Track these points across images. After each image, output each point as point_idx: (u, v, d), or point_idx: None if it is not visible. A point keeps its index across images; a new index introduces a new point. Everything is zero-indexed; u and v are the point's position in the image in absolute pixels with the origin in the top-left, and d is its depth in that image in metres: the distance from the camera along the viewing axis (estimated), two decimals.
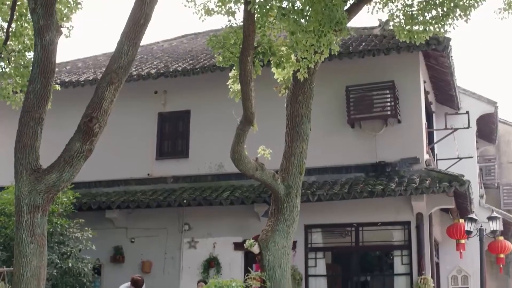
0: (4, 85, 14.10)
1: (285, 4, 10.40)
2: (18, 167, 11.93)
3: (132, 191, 18.19)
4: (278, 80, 12.65)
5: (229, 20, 11.32)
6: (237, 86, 12.46)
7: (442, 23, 11.35)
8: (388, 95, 16.77)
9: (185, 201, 16.76)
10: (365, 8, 11.75)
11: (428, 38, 11.50)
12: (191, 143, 18.59)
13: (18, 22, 13.09)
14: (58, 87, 14.07)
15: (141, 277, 14.25)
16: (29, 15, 12.43)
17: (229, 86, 12.82)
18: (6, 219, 14.69)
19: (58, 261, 14.62)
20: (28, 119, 11.95)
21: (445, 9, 11.23)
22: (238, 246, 16.72)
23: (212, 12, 11.30)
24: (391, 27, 12.81)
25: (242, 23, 10.99)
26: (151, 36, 35.35)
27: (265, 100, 14.70)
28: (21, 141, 12.02)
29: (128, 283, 14.00)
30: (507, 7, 11.57)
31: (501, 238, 18.24)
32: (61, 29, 11.52)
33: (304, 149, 13.30)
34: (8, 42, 13.20)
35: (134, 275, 14.25)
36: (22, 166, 11.88)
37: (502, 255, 18.56)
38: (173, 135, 19.14)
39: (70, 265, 14.68)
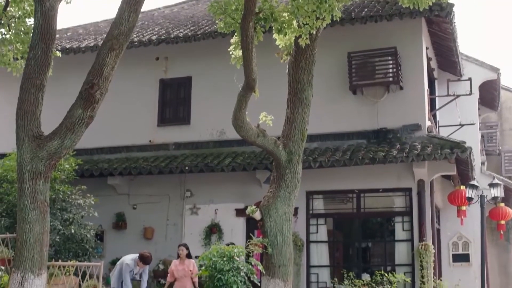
0: (5, 51, 14.06)
1: None
2: (20, 133, 11.95)
3: (134, 158, 18.22)
4: (280, 47, 12.58)
5: None
6: (239, 52, 12.41)
7: None
8: (390, 62, 16.69)
9: (187, 168, 16.78)
10: None
11: (431, 4, 11.39)
12: (193, 109, 18.56)
13: None
14: (59, 54, 14.03)
15: (150, 254, 14.33)
16: None
17: (231, 52, 12.76)
18: (8, 186, 14.73)
19: (61, 227, 14.70)
20: (29, 86, 11.93)
21: None
22: (239, 212, 16.79)
23: None
24: None
25: None
26: (152, 2, 35.19)
27: (266, 67, 14.66)
28: (22, 107, 12.02)
29: (136, 255, 14.08)
30: None
31: (502, 204, 18.28)
32: None
33: (306, 115, 13.28)
34: (8, 8, 13.13)
35: (144, 252, 14.33)
36: (24, 133, 11.89)
37: (502, 222, 18.62)
38: (174, 102, 19.11)
39: (72, 231, 14.76)
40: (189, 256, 14.29)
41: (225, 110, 14.62)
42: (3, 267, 12.32)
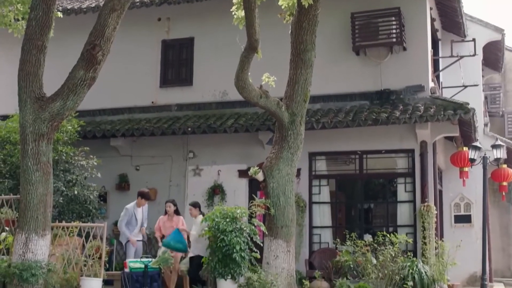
0: (6, 12, 13.97)
1: None
2: (22, 95, 11.94)
3: (136, 119, 18.20)
4: (283, 7, 12.49)
5: None
6: (241, 13, 12.33)
7: None
8: (394, 22, 16.56)
9: (189, 129, 16.77)
10: None
11: None
12: (195, 70, 18.48)
13: None
14: (60, 14, 13.95)
15: (148, 190, 14.46)
16: None
17: (233, 13, 12.67)
18: (11, 147, 14.75)
19: (64, 188, 14.74)
20: (31, 47, 11.89)
21: None
22: (242, 173, 16.83)
23: None
24: None
25: None
26: None
27: (269, 27, 14.56)
28: (24, 69, 11.99)
29: (133, 203, 14.16)
30: None
31: (505, 166, 18.31)
32: None
33: (309, 76, 13.23)
34: None
35: (143, 189, 14.48)
36: (26, 94, 11.88)
37: (505, 183, 18.68)
38: (176, 63, 19.02)
39: (76, 192, 14.81)
40: (177, 212, 14.31)
41: (227, 71, 14.54)
42: (7, 228, 12.40)
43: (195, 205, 14.11)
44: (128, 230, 14.39)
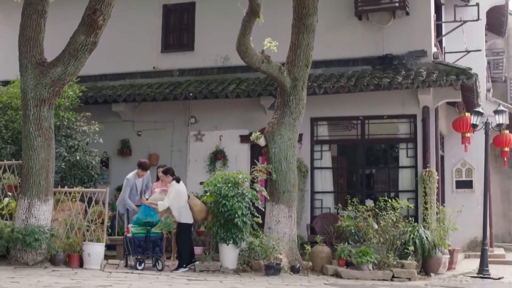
0: None
1: None
2: (23, 60, 11.92)
3: (138, 84, 18.15)
4: None
5: None
6: None
7: None
8: None
9: (191, 94, 16.74)
10: None
11: None
12: (197, 35, 18.39)
13: None
14: None
15: (148, 160, 14.43)
16: None
17: None
18: (13, 113, 14.73)
19: (66, 154, 14.76)
20: (31, 12, 11.84)
21: None
22: (244, 138, 16.82)
23: None
24: None
25: None
26: None
27: None
28: (24, 34, 11.95)
29: (134, 172, 14.17)
30: None
31: (507, 131, 18.27)
32: None
33: (311, 41, 13.18)
34: None
35: (141, 159, 14.44)
36: (27, 59, 11.87)
37: (506, 149, 18.65)
38: (178, 28, 18.91)
39: (78, 158, 14.83)
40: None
41: (229, 36, 14.46)
42: (10, 194, 12.45)
43: (167, 171, 13.08)
44: (133, 203, 14.31)
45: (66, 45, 11.95)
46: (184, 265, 12.12)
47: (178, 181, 12.64)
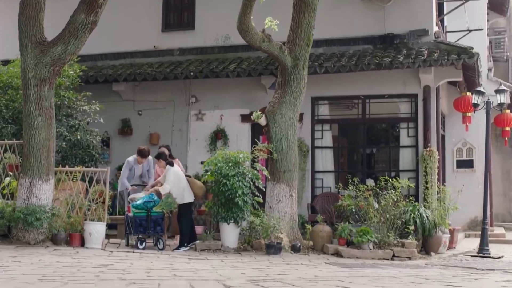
0: None
1: None
2: (23, 39, 11.88)
3: (138, 64, 18.11)
4: None
5: None
6: None
7: None
8: None
9: (191, 73, 16.70)
10: None
11: None
12: (197, 14, 18.31)
13: None
14: None
15: (147, 147, 14.40)
16: None
17: None
18: (13, 92, 14.71)
19: (67, 133, 14.75)
20: None
21: None
22: (245, 118, 16.80)
23: None
24: None
25: None
26: None
27: None
28: (24, 13, 11.89)
29: (135, 156, 14.16)
30: None
31: (508, 111, 18.23)
32: None
33: (312, 20, 13.12)
34: None
35: (140, 146, 14.42)
36: (27, 38, 11.82)
37: (507, 128, 18.62)
38: (178, 7, 18.82)
39: (78, 137, 14.82)
40: (171, 156, 14.08)
41: (230, 15, 14.41)
42: (11, 173, 12.46)
43: (159, 156, 13.05)
44: (128, 183, 14.28)
45: (66, 24, 11.90)
46: (185, 244, 12.16)
47: (171, 165, 12.61)
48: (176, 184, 12.41)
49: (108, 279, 6.30)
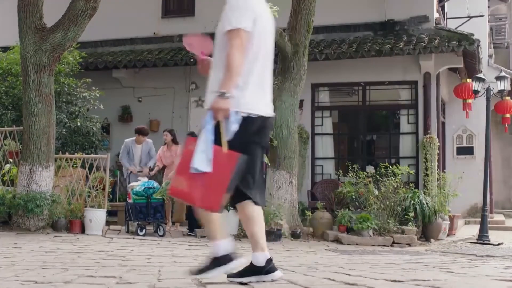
0: None
1: None
2: (22, 26, 11.83)
3: (138, 50, 18.07)
4: None
5: None
6: None
7: None
8: None
9: (191, 60, 16.64)
10: None
11: None
12: (197, 0, 18.26)
13: None
14: None
15: (145, 126, 14.45)
16: None
17: None
18: (13, 79, 14.68)
19: (67, 120, 14.75)
20: None
21: None
22: None
23: None
24: None
25: None
26: None
27: None
28: None
29: (133, 138, 14.16)
30: None
31: (508, 98, 18.22)
32: None
33: (312, 6, 13.08)
34: None
35: (139, 125, 14.45)
36: (26, 25, 11.78)
37: (508, 115, 18.62)
38: None
39: (78, 124, 14.81)
40: (175, 141, 14.08)
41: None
42: (11, 160, 12.46)
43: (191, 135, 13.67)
44: (128, 163, 14.29)
45: (66, 10, 11.86)
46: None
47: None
48: None
49: (108, 266, 6.31)
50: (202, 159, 4.25)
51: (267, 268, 4.49)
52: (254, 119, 4.48)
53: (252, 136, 4.48)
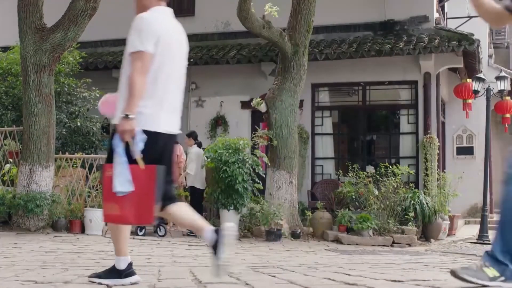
0: None
1: None
2: (22, 26, 11.83)
3: None
4: None
5: None
6: None
7: None
8: None
9: (191, 60, 16.63)
10: None
11: None
12: (197, 0, 18.25)
13: None
14: None
15: None
16: None
17: None
18: (13, 79, 14.69)
19: (67, 120, 14.75)
20: None
21: None
22: (245, 104, 16.78)
23: None
24: None
25: None
26: None
27: None
28: None
29: None
30: None
31: (508, 98, 18.21)
32: None
33: (312, 6, 13.09)
34: None
35: None
36: (26, 25, 11.78)
37: (508, 115, 18.61)
38: None
39: (78, 124, 14.82)
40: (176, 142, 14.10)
41: (230, 1, 14.34)
42: (11, 160, 12.46)
43: (191, 135, 13.87)
44: None
45: (66, 10, 11.86)
46: None
47: (199, 146, 13.00)
48: (196, 163, 12.73)
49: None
50: (122, 181, 4.40)
51: (127, 272, 4.73)
52: (159, 136, 4.71)
53: (157, 152, 4.65)
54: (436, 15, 16.59)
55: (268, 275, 5.61)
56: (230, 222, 11.80)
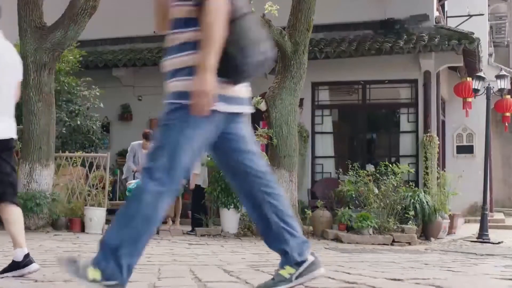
0: None
1: None
2: (22, 24, 11.84)
3: (138, 49, 18.06)
4: None
5: None
6: None
7: None
8: None
9: None
10: None
11: None
12: None
13: None
14: None
15: (151, 130, 14.43)
16: None
17: None
18: None
19: (67, 119, 14.74)
20: None
21: None
22: None
23: None
24: None
25: None
26: None
27: None
28: None
29: (140, 141, 14.15)
30: None
31: (508, 96, 18.21)
32: None
33: (312, 5, 13.07)
34: None
35: (146, 129, 14.44)
36: (26, 23, 11.78)
37: (508, 114, 18.62)
38: None
39: (78, 123, 14.82)
40: None
41: None
42: None
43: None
44: (133, 166, 14.25)
45: (66, 9, 11.87)
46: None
47: None
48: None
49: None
50: None
51: (25, 262, 5.09)
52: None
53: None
54: (436, 13, 16.59)
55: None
56: (230, 221, 11.84)
